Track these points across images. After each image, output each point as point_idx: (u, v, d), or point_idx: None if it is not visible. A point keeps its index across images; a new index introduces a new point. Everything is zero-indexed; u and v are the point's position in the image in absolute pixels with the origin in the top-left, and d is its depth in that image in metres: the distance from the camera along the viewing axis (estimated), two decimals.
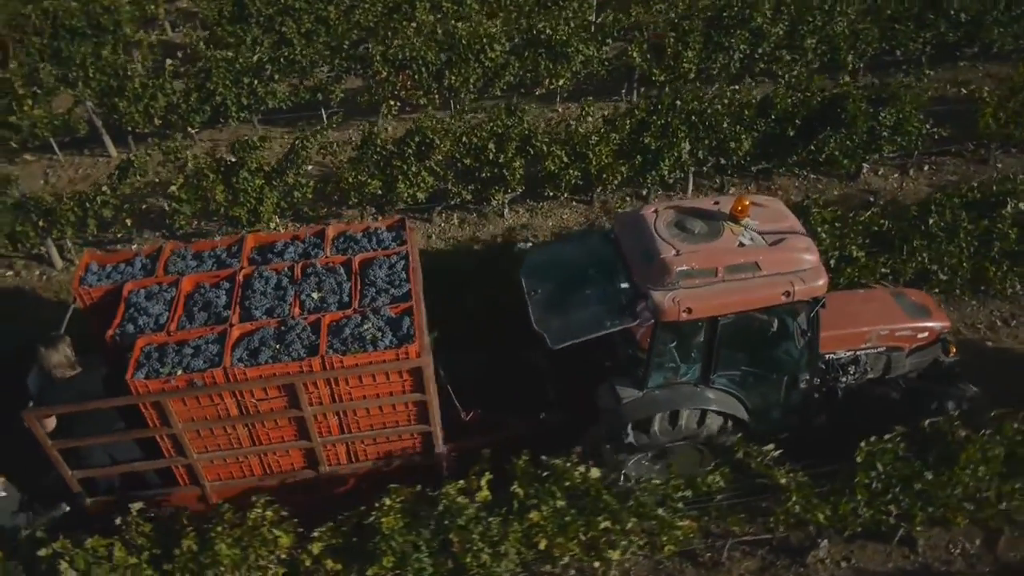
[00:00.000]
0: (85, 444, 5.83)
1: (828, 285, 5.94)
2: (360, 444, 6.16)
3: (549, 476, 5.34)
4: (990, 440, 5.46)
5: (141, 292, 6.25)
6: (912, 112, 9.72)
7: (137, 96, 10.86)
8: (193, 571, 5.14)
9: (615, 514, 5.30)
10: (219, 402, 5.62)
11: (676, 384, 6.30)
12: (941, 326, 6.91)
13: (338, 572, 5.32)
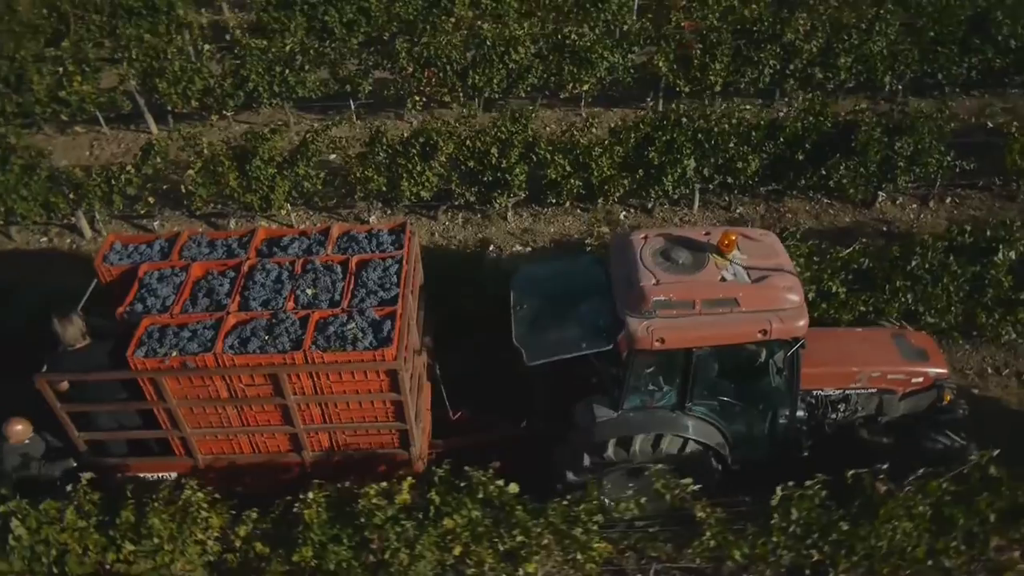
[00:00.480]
0: (90, 410, 6.23)
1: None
2: (341, 434, 6.41)
3: (466, 486, 5.55)
4: (913, 498, 5.39)
5: (155, 274, 6.61)
6: (933, 143, 9.41)
7: (176, 78, 11.44)
8: (133, 540, 5.57)
9: (526, 529, 5.47)
10: (210, 384, 5.94)
11: (653, 408, 6.39)
12: (937, 372, 6.80)
13: (266, 555, 5.67)
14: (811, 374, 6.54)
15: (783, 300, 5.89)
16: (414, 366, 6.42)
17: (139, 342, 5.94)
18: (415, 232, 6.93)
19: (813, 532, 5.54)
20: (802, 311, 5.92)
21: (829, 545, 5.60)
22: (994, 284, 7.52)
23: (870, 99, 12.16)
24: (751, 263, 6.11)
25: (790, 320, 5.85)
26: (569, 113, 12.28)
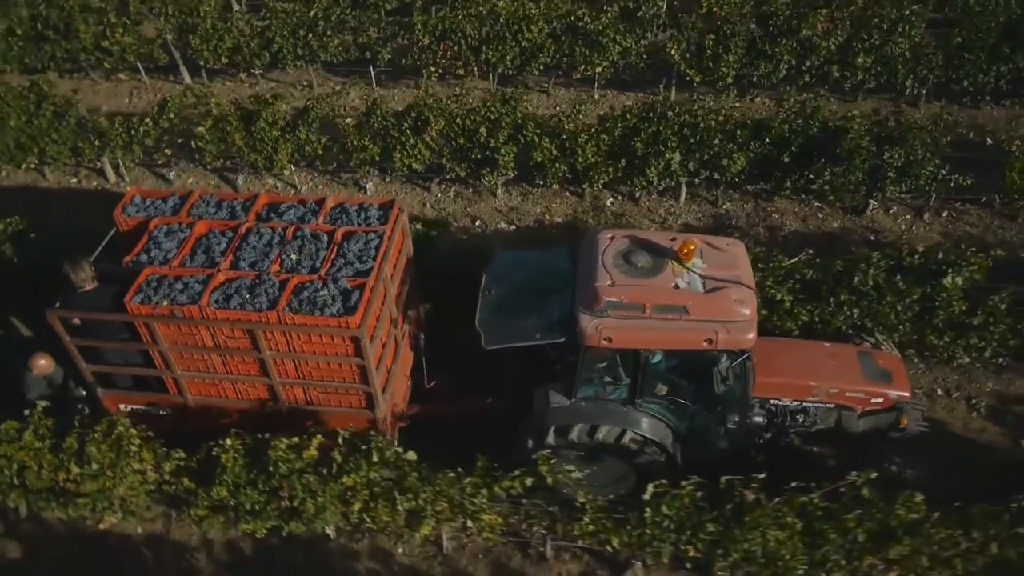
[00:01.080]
0: (94, 345, 6.80)
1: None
2: (313, 391, 6.85)
3: (367, 450, 6.03)
4: (781, 508, 5.59)
5: (163, 228, 7.02)
6: (927, 154, 9.22)
7: (207, 35, 12.09)
8: (78, 464, 6.30)
9: (416, 492, 5.94)
10: (196, 333, 6.45)
11: (605, 400, 6.64)
12: (898, 395, 6.85)
13: (192, 490, 6.33)
14: (768, 383, 6.75)
15: (733, 312, 5.98)
16: (386, 335, 6.80)
17: (138, 289, 6.45)
18: (403, 209, 7.22)
19: (686, 529, 5.82)
20: (751, 324, 6.01)
21: (702, 543, 5.88)
22: (944, 307, 7.45)
23: (893, 101, 11.84)
24: (709, 272, 6.20)
25: (738, 332, 5.97)
26: (582, 94, 12.39)
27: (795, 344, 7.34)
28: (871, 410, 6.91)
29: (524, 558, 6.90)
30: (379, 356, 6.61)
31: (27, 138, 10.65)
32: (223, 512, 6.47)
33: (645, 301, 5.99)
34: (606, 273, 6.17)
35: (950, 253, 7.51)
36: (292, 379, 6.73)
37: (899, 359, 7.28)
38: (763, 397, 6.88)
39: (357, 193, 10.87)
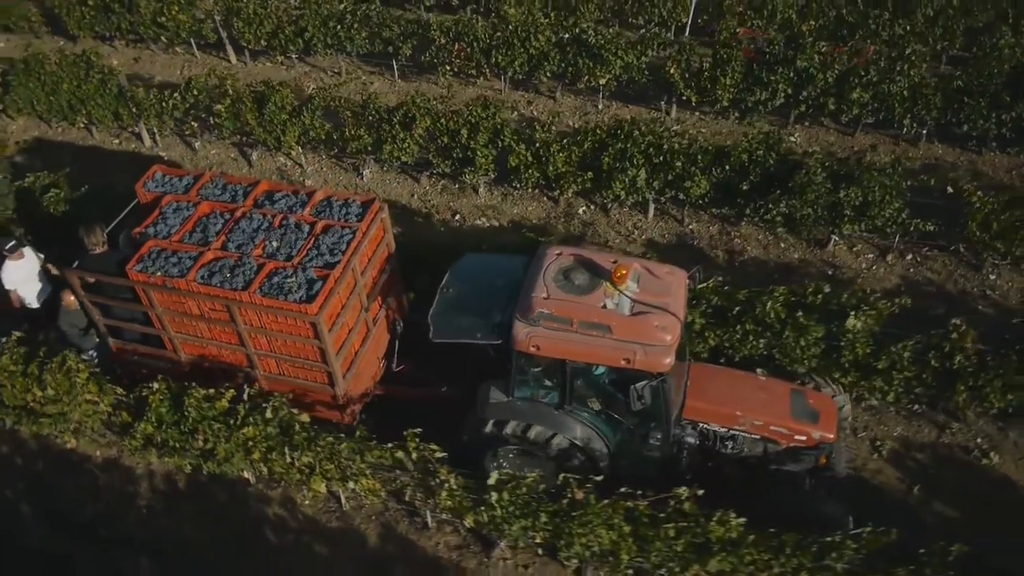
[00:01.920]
0: (103, 302, 7.69)
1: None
2: (283, 363, 7.58)
3: (267, 407, 6.90)
4: (607, 510, 6.12)
5: (173, 205, 7.75)
6: (887, 196, 9.34)
7: (249, 19, 13.21)
8: (39, 388, 7.43)
9: (302, 450, 6.77)
10: (184, 302, 7.27)
11: (538, 402, 7.09)
12: (822, 436, 7.07)
13: (127, 422, 7.36)
14: (698, 407, 7.15)
15: (654, 336, 6.32)
16: (353, 321, 7.42)
17: (139, 259, 7.21)
18: (383, 208, 7.75)
19: (527, 516, 6.43)
20: (670, 350, 6.31)
21: (544, 532, 6.48)
22: (848, 347, 7.70)
23: (893, 138, 11.84)
24: (641, 297, 6.55)
25: (655, 355, 6.30)
26: (587, 103, 12.88)
27: (731, 374, 7.63)
28: (795, 447, 7.18)
29: (410, 525, 7.65)
30: (341, 341, 7.24)
31: (77, 101, 12.03)
32: (154, 446, 7.47)
33: (573, 316, 6.40)
34: (544, 286, 6.61)
35: (852, 296, 7.71)
36: (265, 351, 7.45)
37: (833, 402, 7.44)
38: (694, 420, 7.25)
39: (356, 177, 11.75)
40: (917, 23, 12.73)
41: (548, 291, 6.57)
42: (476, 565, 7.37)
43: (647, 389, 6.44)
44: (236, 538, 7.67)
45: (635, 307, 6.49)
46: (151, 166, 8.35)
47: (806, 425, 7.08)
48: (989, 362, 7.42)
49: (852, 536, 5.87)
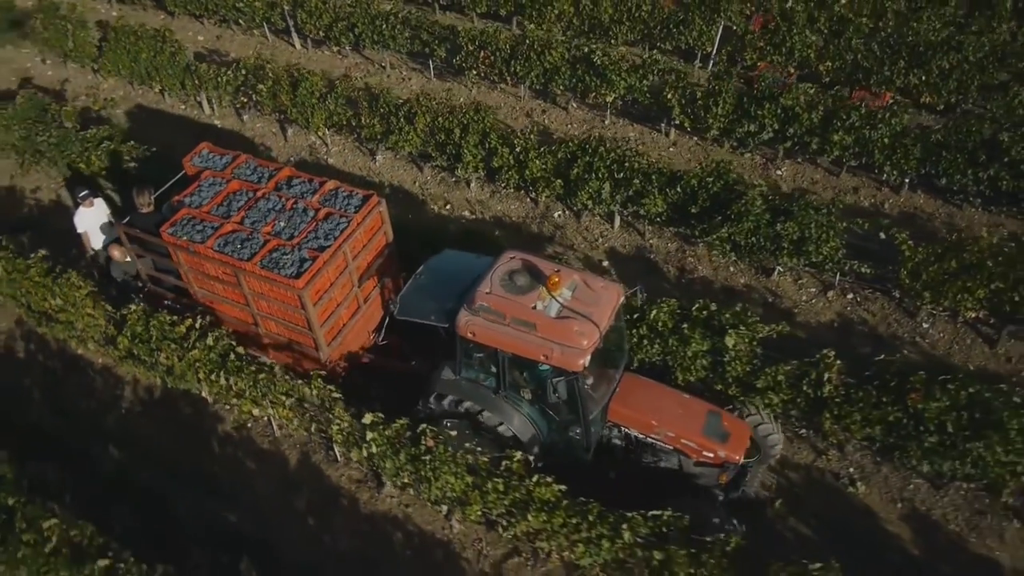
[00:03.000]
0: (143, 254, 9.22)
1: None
2: (280, 326, 8.71)
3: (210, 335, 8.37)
4: (453, 460, 7.22)
5: (210, 180, 8.98)
6: (826, 235, 9.89)
7: (311, 11, 14.90)
8: (52, 297, 9.21)
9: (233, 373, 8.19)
10: (202, 264, 8.47)
11: (480, 384, 7.96)
12: (727, 456, 7.73)
13: (113, 335, 9.01)
14: (620, 411, 8.00)
15: (572, 339, 7.06)
16: (342, 297, 8.53)
17: (172, 223, 8.54)
18: (382, 202, 8.84)
19: (394, 456, 7.61)
20: (584, 353, 7.03)
21: (407, 471, 7.65)
22: (731, 363, 8.42)
23: (876, 184, 12.19)
24: (570, 304, 7.32)
25: (571, 356, 7.05)
26: (596, 117, 13.82)
27: (659, 388, 8.34)
28: (703, 462, 7.92)
29: (324, 457, 8.98)
30: (328, 313, 8.35)
31: (152, 69, 14.02)
32: (132, 358, 9.11)
33: (507, 312, 7.26)
34: (490, 283, 7.46)
35: (735, 317, 8.40)
36: (265, 313, 8.73)
37: (748, 428, 8.10)
38: (617, 423, 8.11)
39: (370, 161, 13.18)
40: (932, 75, 12.93)
41: (492, 288, 7.42)
42: (368, 498, 8.61)
43: (562, 384, 7.29)
44: (189, 443, 9.23)
45: (562, 312, 7.28)
46: (204, 135, 10.10)
47: (714, 444, 7.75)
48: (851, 394, 7.98)
49: (668, 522, 6.67)
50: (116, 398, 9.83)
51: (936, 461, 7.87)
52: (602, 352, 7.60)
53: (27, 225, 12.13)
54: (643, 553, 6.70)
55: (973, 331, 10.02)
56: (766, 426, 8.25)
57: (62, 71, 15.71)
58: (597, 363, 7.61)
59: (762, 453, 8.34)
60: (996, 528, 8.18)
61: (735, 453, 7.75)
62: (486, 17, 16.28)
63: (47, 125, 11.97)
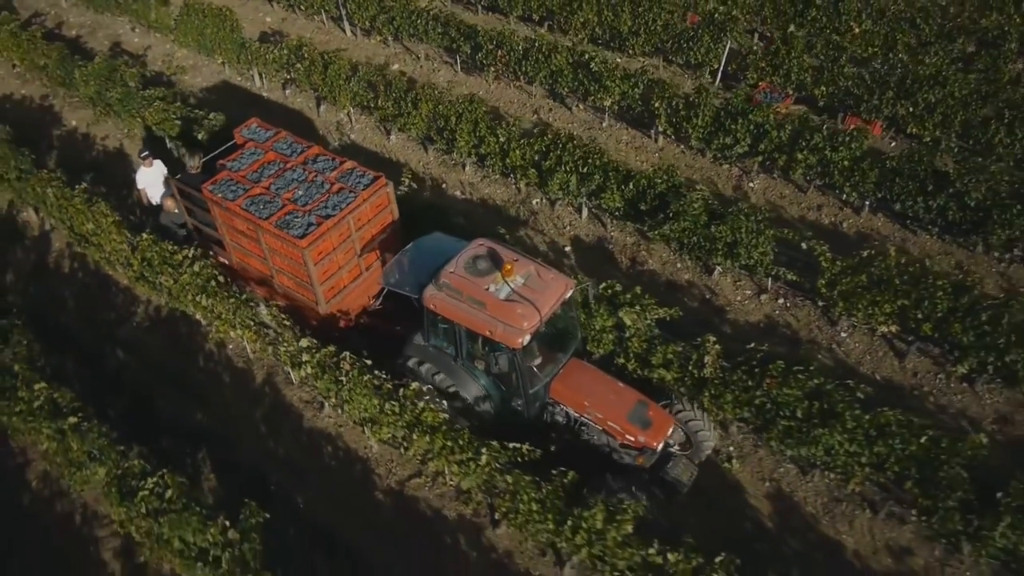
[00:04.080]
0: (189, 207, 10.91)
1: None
2: (289, 280, 9.98)
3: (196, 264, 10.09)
4: (365, 385, 8.67)
5: (251, 149, 10.44)
6: (755, 240, 10.81)
7: (359, 3, 16.66)
8: (88, 223, 11.18)
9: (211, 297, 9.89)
10: (232, 219, 10.00)
11: (444, 352, 9.07)
12: (644, 441, 8.58)
13: (129, 256, 10.89)
14: (558, 390, 8.98)
15: (515, 319, 8.07)
16: (343, 261, 9.78)
17: (213, 182, 10.08)
18: (389, 184, 10.15)
19: (323, 376, 9.12)
20: (523, 332, 8.01)
21: (333, 391, 9.15)
22: (631, 339, 9.51)
23: (839, 202, 12.91)
24: (520, 289, 8.30)
25: (511, 334, 8.05)
26: (596, 119, 14.97)
27: (599, 375, 9.24)
28: (625, 444, 8.88)
29: (284, 379, 10.60)
30: (328, 274, 9.61)
31: (216, 43, 16.07)
32: (142, 279, 10.98)
33: (463, 290, 8.33)
34: (456, 264, 8.56)
35: (634, 296, 9.46)
36: (279, 268, 10.07)
37: (672, 420, 8.96)
38: (557, 400, 9.14)
39: (385, 139, 14.77)
40: (918, 107, 13.50)
41: (456, 268, 8.53)
42: (311, 416, 10.18)
43: (503, 358, 8.53)
44: (179, 354, 11.05)
45: (511, 296, 8.28)
46: (253, 104, 11.95)
47: (636, 429, 8.60)
48: (727, 377, 8.96)
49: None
50: (130, 313, 11.75)
51: (792, 445, 8.77)
52: (547, 336, 8.77)
53: (92, 167, 14.29)
54: (500, 477, 7.96)
55: (887, 344, 10.74)
56: (697, 423, 9.06)
57: (147, 39, 18.02)
58: (543, 345, 8.77)
59: (693, 447, 9.21)
60: (848, 514, 9.01)
61: (653, 440, 8.57)
62: (524, 20, 17.63)
63: (115, 83, 14.09)
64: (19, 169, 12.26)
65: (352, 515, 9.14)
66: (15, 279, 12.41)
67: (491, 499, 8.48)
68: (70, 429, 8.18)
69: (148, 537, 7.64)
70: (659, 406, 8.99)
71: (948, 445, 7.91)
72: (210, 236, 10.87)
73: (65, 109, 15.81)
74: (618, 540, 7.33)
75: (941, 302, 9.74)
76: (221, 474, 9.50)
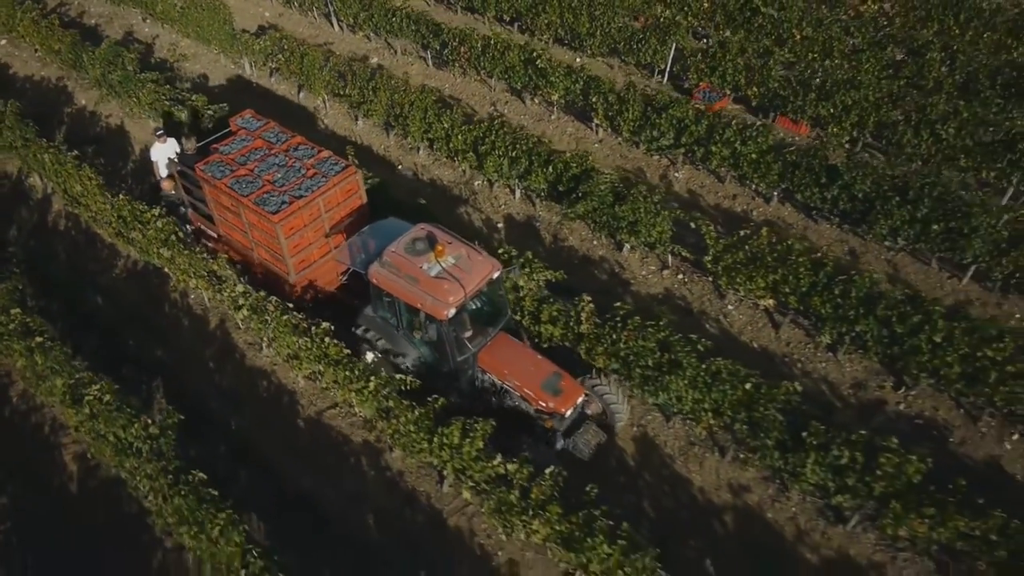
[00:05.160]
0: (185, 184, 12.61)
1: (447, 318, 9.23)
2: (266, 253, 11.62)
3: (159, 220, 11.74)
4: (284, 327, 10.20)
5: (242, 135, 11.98)
6: (653, 220, 12.13)
7: (344, 2, 18.29)
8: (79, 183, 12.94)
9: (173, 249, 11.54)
10: (218, 196, 11.73)
11: (388, 322, 10.30)
12: (554, 407, 9.71)
13: (110, 216, 12.62)
14: (484, 359, 10.12)
15: (442, 294, 9.21)
16: (312, 239, 11.04)
17: (206, 163, 11.52)
18: (358, 171, 11.55)
19: (254, 317, 10.69)
20: (447, 306, 9.14)
21: (263, 332, 10.71)
22: (524, 298, 10.91)
23: (752, 192, 14.14)
24: (450, 268, 9.36)
25: (437, 306, 9.22)
26: (547, 112, 16.37)
27: (521, 348, 10.40)
28: (539, 409, 9.86)
29: (235, 324, 12.20)
30: (299, 248, 10.91)
31: (211, 34, 17.84)
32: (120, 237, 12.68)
33: (400, 266, 9.54)
34: (398, 244, 9.73)
35: (527, 260, 10.85)
36: (257, 241, 11.58)
37: (582, 390, 9.90)
38: (483, 368, 10.37)
39: (353, 124, 16.35)
40: (837, 108, 14.66)
41: (398, 248, 9.69)
42: (252, 355, 11.77)
43: (432, 328, 9.84)
44: (148, 301, 12.75)
45: (441, 273, 9.37)
46: (243, 90, 13.64)
47: (547, 396, 9.72)
48: (599, 332, 10.31)
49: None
50: (112, 266, 13.48)
51: (650, 392, 10.10)
52: (477, 312, 10.10)
53: (94, 140, 16.11)
54: (385, 401, 9.43)
55: (767, 317, 11.98)
56: (612, 397, 10.12)
57: (156, 29, 19.87)
58: (474, 319, 10.05)
59: (608, 417, 10.35)
60: (699, 456, 10.31)
61: (561, 406, 9.67)
62: (498, 21, 19.09)
63: (116, 67, 15.88)
64: (24, 138, 14.06)
65: (275, 437, 10.70)
66: (18, 233, 14.22)
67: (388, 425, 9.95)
68: (37, 348, 9.85)
69: (91, 435, 9.26)
70: (572, 378, 10.01)
71: (766, 391, 9.18)
72: (201, 211, 12.40)
73: (76, 89, 17.68)
74: (472, 454, 8.75)
75: (804, 278, 10.97)
76: (170, 400, 11.10)
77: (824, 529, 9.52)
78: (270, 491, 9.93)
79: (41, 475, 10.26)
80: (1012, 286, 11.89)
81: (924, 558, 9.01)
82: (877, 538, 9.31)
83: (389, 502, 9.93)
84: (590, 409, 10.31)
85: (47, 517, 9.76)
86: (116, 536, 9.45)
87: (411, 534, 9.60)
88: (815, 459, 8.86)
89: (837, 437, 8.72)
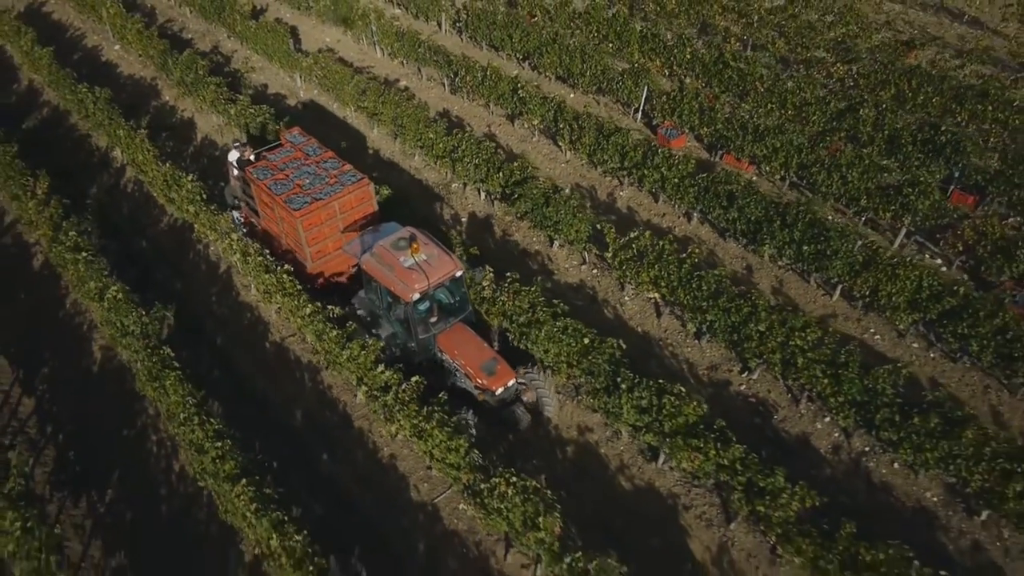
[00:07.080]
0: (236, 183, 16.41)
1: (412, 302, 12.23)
2: (291, 242, 15.10)
3: (188, 183, 15.35)
4: (276, 278, 13.50)
5: (288, 147, 15.96)
6: (573, 222, 14.88)
7: (384, 33, 21.98)
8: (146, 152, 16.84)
9: (196, 205, 15.11)
10: (260, 194, 15.22)
11: (374, 302, 13.91)
12: (487, 384, 12.14)
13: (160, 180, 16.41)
14: (441, 342, 12.89)
15: (410, 281, 11.85)
16: (327, 234, 13.92)
17: (255, 167, 15.51)
18: (371, 183, 14.73)
19: (248, 266, 14.05)
20: (413, 291, 11.86)
21: (255, 280, 14.08)
22: None
23: (678, 212, 16.63)
24: (420, 263, 12.04)
25: (405, 290, 11.87)
26: (531, 133, 19.36)
27: (473, 336, 12.66)
28: (479, 386, 12.79)
29: (237, 271, 15.62)
30: (316, 241, 13.95)
31: (273, 51, 21.83)
32: (167, 198, 16.42)
33: (383, 257, 12.42)
34: (386, 241, 12.77)
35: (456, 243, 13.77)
36: (286, 232, 15.06)
37: (513, 374, 12.25)
38: (440, 349, 13.16)
39: (370, 132, 19.80)
40: (768, 150, 17.03)
41: (385, 243, 12.57)
42: (244, 292, 15.12)
43: (400, 308, 12.79)
44: (176, 244, 16.36)
45: (413, 265, 12.16)
46: (288, 99, 17.41)
47: (484, 375, 12.20)
48: (496, 298, 13.09)
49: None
50: (158, 221, 17.24)
51: (526, 344, 12.78)
52: (443, 304, 12.85)
53: (170, 127, 20.19)
54: (319, 326, 12.51)
55: (653, 307, 14.45)
56: (543, 390, 12.48)
57: (235, 45, 24.13)
58: (441, 310, 12.74)
59: (539, 405, 12.74)
60: (560, 403, 12.87)
61: (492, 384, 12.10)
62: (515, 59, 22.32)
63: (191, 71, 19.97)
64: (109, 118, 18.16)
65: (247, 352, 13.96)
66: (97, 191, 18.25)
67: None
68: (82, 260, 13.49)
69: (105, 324, 12.75)
70: (508, 365, 12.36)
71: (597, 344, 11.74)
72: (252, 207, 15.74)
73: (163, 88, 21.95)
74: (367, 366, 11.70)
75: (673, 273, 13.46)
76: (177, 321, 14.53)
77: (641, 465, 11.91)
78: (232, 387, 13.14)
79: (73, 358, 13.84)
80: (871, 306, 13.93)
81: (712, 492, 11.30)
82: (680, 475, 11.64)
83: (316, 406, 12.96)
84: (527, 397, 12.74)
85: (74, 387, 13.32)
86: (113, 396, 12.88)
87: (326, 429, 12.58)
88: (627, 401, 11.33)
89: (641, 383, 11.18)
